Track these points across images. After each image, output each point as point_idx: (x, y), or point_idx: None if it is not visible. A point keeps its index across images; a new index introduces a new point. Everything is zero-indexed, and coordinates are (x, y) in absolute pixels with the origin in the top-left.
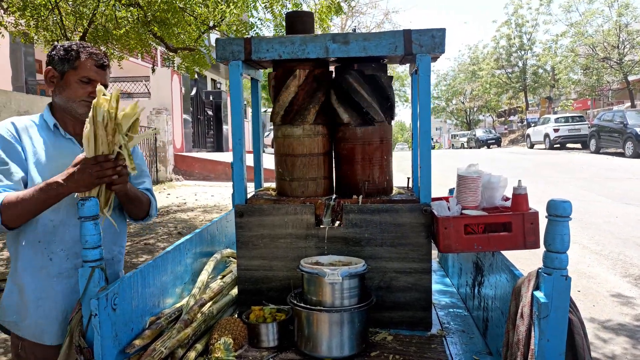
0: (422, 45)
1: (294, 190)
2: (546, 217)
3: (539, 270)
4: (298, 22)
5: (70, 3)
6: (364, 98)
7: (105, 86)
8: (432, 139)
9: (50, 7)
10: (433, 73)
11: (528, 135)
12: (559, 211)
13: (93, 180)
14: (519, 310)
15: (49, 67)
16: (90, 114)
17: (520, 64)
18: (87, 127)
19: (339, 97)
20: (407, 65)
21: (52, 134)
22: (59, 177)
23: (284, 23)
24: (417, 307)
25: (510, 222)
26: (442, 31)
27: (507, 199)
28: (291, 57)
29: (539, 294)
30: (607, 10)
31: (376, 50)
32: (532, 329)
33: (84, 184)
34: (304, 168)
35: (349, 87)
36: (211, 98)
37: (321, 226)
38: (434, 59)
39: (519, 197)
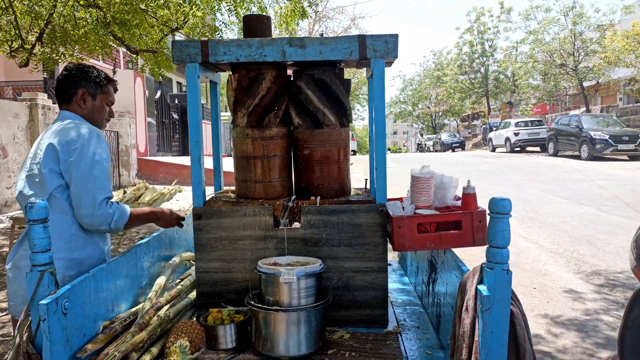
0: (376, 50)
1: (254, 192)
2: (488, 214)
3: (482, 265)
4: (255, 25)
5: (25, 3)
6: (313, 102)
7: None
8: (423, 141)
9: (3, 6)
10: (399, 78)
11: (490, 139)
12: (499, 208)
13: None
14: (464, 304)
15: (83, 89)
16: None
17: (482, 69)
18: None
19: (293, 101)
20: None
21: None
22: (158, 212)
23: None
24: (374, 305)
25: (460, 220)
26: (394, 37)
27: (458, 198)
28: (248, 60)
29: (482, 288)
30: (563, 19)
31: (332, 55)
32: (477, 321)
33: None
34: (264, 170)
35: (298, 91)
36: (176, 101)
37: (280, 227)
38: (388, 63)
39: (468, 197)
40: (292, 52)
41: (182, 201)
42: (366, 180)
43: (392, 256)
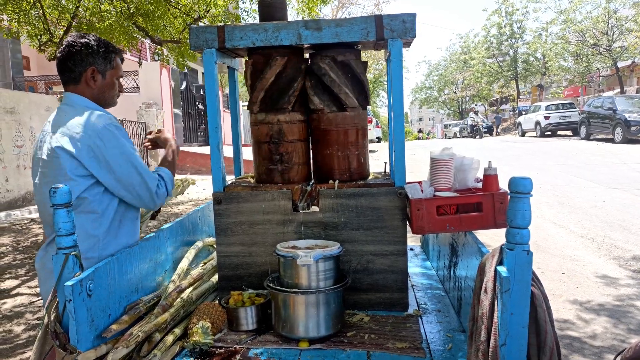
0: (394, 30)
1: (272, 177)
2: (508, 194)
3: (502, 246)
4: (270, 8)
5: None
6: (336, 83)
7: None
8: (420, 130)
9: (31, 1)
10: (425, 63)
11: (519, 124)
12: (519, 188)
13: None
14: (483, 285)
15: (93, 67)
16: None
17: (511, 52)
18: None
19: (311, 83)
20: None
21: None
22: (170, 156)
23: None
24: (394, 288)
25: (480, 202)
26: (412, 16)
27: (479, 180)
28: (265, 44)
29: (502, 269)
30: None
31: (348, 36)
32: (496, 302)
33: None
34: (280, 155)
35: (320, 72)
36: (202, 92)
37: (298, 211)
38: (406, 44)
39: (489, 178)
40: (308, 34)
41: (208, 190)
42: (385, 163)
43: (414, 241)
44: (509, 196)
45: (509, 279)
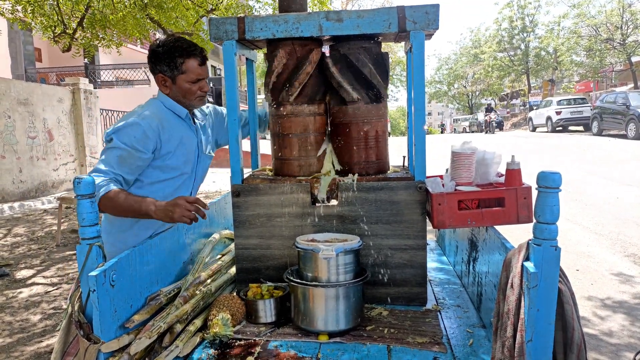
0: (416, 22)
1: (291, 169)
2: (536, 189)
3: (529, 242)
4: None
5: None
6: (335, 77)
7: (206, 77)
8: (443, 124)
9: None
10: (434, 57)
11: (530, 119)
12: (548, 183)
13: (179, 219)
14: (509, 281)
15: (160, 74)
16: None
17: (522, 46)
18: None
19: (327, 76)
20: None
21: (183, 122)
22: (153, 205)
23: None
24: (413, 282)
25: (503, 197)
26: (435, 7)
27: (501, 175)
28: (285, 35)
29: (529, 264)
30: None
31: (370, 28)
32: (522, 298)
33: (169, 218)
34: (301, 147)
35: (325, 67)
36: (211, 84)
37: (317, 204)
38: (428, 35)
39: (513, 172)
40: (329, 26)
41: (218, 182)
42: (404, 157)
43: (430, 236)
44: (536, 190)
45: (536, 274)
